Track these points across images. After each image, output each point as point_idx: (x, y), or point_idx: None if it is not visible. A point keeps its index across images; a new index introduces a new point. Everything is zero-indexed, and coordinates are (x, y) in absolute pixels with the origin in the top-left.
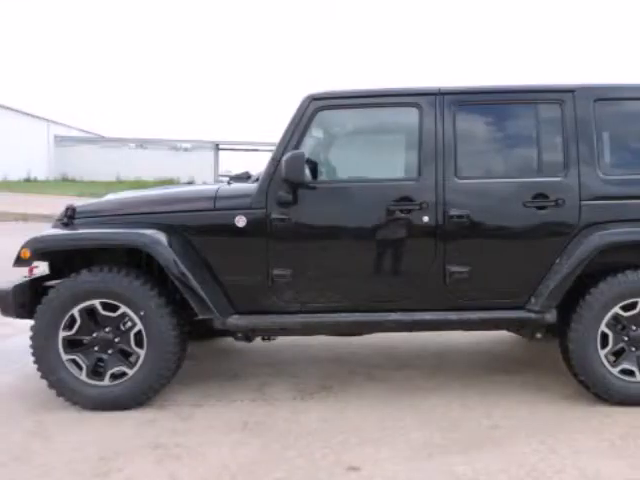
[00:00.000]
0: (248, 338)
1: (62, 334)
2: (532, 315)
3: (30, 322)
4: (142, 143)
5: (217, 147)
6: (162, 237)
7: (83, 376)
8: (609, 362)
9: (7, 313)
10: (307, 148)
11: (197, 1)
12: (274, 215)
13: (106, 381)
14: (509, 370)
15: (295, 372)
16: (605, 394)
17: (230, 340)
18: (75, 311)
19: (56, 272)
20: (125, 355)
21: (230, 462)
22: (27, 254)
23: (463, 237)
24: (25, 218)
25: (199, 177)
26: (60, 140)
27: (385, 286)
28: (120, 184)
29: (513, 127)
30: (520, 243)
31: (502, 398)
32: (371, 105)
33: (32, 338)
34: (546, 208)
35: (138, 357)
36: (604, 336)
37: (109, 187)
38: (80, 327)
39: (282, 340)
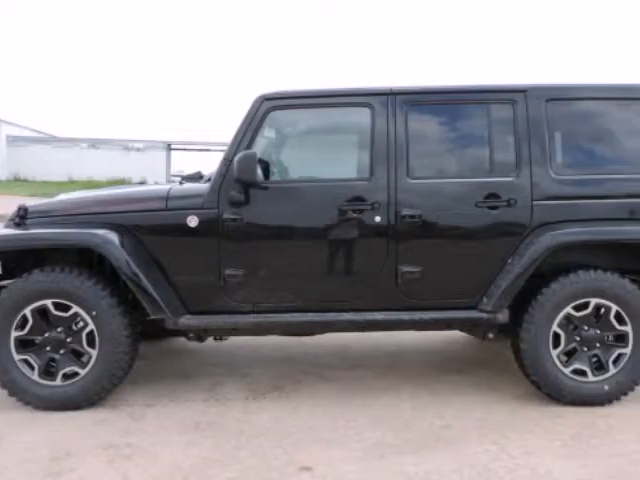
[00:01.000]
0: (200, 338)
1: (14, 334)
2: (484, 315)
3: None
4: (94, 143)
5: (169, 147)
6: (114, 237)
7: (35, 376)
8: (561, 362)
9: None
10: (259, 148)
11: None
12: (226, 215)
13: (58, 381)
14: (461, 370)
15: (247, 372)
16: (557, 394)
17: (182, 340)
18: (27, 311)
19: (8, 272)
20: (77, 355)
21: (182, 462)
22: None
23: (415, 237)
24: None
25: (151, 177)
26: (12, 140)
27: (337, 286)
28: (72, 184)
29: (465, 127)
30: (472, 243)
31: (454, 398)
32: (323, 105)
33: None
34: (498, 208)
35: (90, 357)
36: (556, 336)
37: (61, 187)
38: (32, 327)
39: (234, 340)
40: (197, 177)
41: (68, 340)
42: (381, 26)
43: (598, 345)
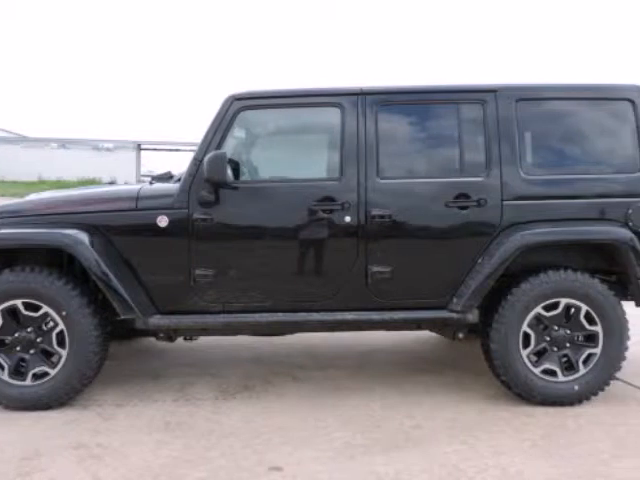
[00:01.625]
0: (170, 338)
1: None
2: (454, 315)
3: None
4: (64, 143)
5: (139, 147)
6: (84, 237)
7: (5, 376)
8: (531, 362)
9: None
10: (229, 148)
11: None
12: (196, 215)
13: (28, 381)
14: (431, 370)
15: (217, 372)
16: (527, 394)
17: (152, 340)
18: None
19: None
20: (47, 355)
21: (152, 462)
22: None
23: (385, 237)
24: None
25: (121, 177)
26: None
27: (307, 286)
28: (42, 184)
29: (435, 127)
30: (442, 243)
31: (424, 398)
32: (293, 105)
33: None
34: (468, 208)
35: (60, 357)
36: (526, 336)
37: (31, 187)
38: (2, 327)
39: (204, 340)
40: (167, 177)
41: (38, 340)
42: (372, 25)
43: (568, 345)
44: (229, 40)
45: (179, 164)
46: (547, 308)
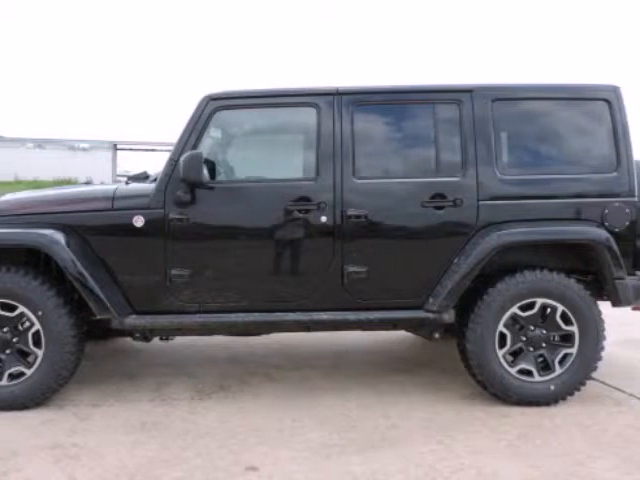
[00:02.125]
0: (146, 338)
1: None
2: (430, 315)
3: None
4: (40, 143)
5: (115, 147)
6: (60, 237)
7: None
8: (507, 362)
9: None
10: (205, 148)
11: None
12: (172, 215)
13: (4, 381)
14: (407, 370)
15: (193, 372)
16: (503, 394)
17: (128, 340)
18: None
19: None
20: (23, 355)
21: (128, 462)
22: None
23: (361, 237)
24: None
25: (97, 177)
26: None
27: (283, 286)
28: (18, 184)
29: (411, 127)
30: (418, 243)
31: (400, 398)
32: (269, 105)
33: None
34: (444, 208)
35: (36, 357)
36: (502, 336)
37: (7, 187)
38: None
39: (180, 340)
40: (143, 177)
41: (14, 340)
42: (367, 24)
43: (544, 345)
44: (205, 39)
45: (155, 164)
46: (523, 308)
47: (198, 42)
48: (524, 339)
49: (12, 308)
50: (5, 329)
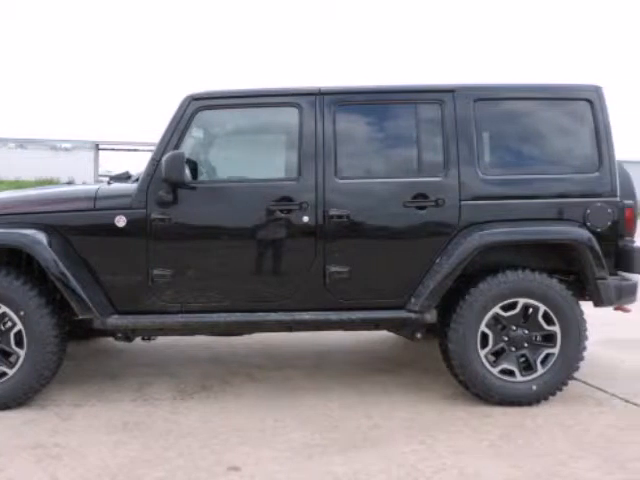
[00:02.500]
0: (128, 338)
1: None
2: (412, 315)
3: None
4: (22, 143)
5: (97, 147)
6: (42, 237)
7: None
8: (489, 362)
9: None
10: (187, 148)
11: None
12: (154, 215)
13: None
14: (390, 370)
15: (175, 372)
16: (485, 394)
17: (110, 340)
18: None
19: None
20: (5, 355)
21: (110, 462)
22: None
23: (343, 237)
24: None
25: (79, 177)
26: None
27: (265, 286)
28: (0, 184)
29: (393, 127)
30: (400, 243)
31: (382, 398)
32: (251, 105)
33: None
34: (426, 208)
35: (18, 357)
36: (484, 336)
37: None
38: None
39: (162, 340)
40: (125, 177)
41: None
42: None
43: (526, 345)
44: (189, 38)
45: (137, 164)
46: (505, 308)
47: (181, 41)
48: (506, 339)
49: None
50: None
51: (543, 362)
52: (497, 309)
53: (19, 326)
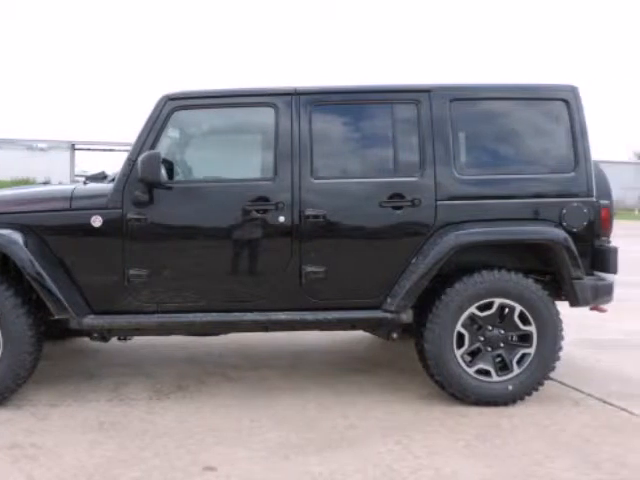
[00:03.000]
0: (104, 338)
1: None
2: (388, 315)
3: None
4: None
5: (73, 147)
6: (18, 237)
7: None
8: (465, 362)
9: None
10: (163, 148)
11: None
12: (130, 215)
13: None
14: (366, 370)
15: (151, 372)
16: (461, 394)
17: (86, 340)
18: None
19: None
20: None
21: (86, 462)
22: None
23: (319, 237)
24: None
25: (55, 177)
26: None
27: (241, 286)
28: None
29: (370, 127)
30: (376, 243)
31: (358, 398)
32: (228, 105)
33: None
34: (402, 208)
35: None
36: (460, 336)
37: None
38: None
39: (138, 340)
40: (101, 177)
41: None
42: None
43: (502, 345)
44: (166, 38)
45: (113, 164)
46: (481, 308)
47: (158, 41)
48: (482, 339)
49: None
50: None
51: (519, 362)
52: (473, 309)
53: None
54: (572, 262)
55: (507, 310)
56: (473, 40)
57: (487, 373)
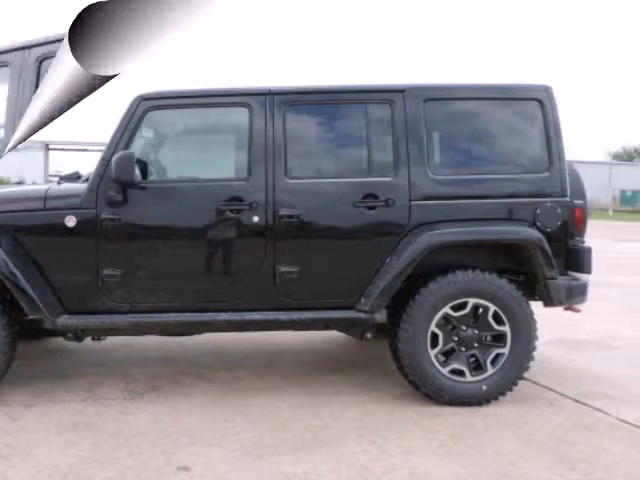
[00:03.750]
0: (78, 338)
1: None
2: (362, 315)
3: None
4: None
5: (47, 147)
6: None
7: None
8: (439, 362)
9: None
10: (137, 148)
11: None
12: (104, 215)
13: None
14: (340, 370)
15: (125, 372)
16: (435, 394)
17: (60, 340)
18: None
19: None
20: None
21: (60, 462)
22: None
23: (293, 237)
24: None
25: (29, 177)
26: None
27: (215, 286)
28: None
29: (344, 127)
30: (350, 243)
31: (332, 398)
32: (202, 105)
33: None
34: (376, 208)
35: None
36: (434, 336)
37: None
38: None
39: (112, 340)
40: (75, 177)
41: None
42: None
43: (476, 345)
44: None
45: (87, 164)
46: (455, 308)
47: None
48: (456, 339)
49: None
50: None
51: (493, 362)
52: (447, 309)
53: None
54: (546, 262)
55: (481, 310)
56: (450, 40)
57: (461, 373)
